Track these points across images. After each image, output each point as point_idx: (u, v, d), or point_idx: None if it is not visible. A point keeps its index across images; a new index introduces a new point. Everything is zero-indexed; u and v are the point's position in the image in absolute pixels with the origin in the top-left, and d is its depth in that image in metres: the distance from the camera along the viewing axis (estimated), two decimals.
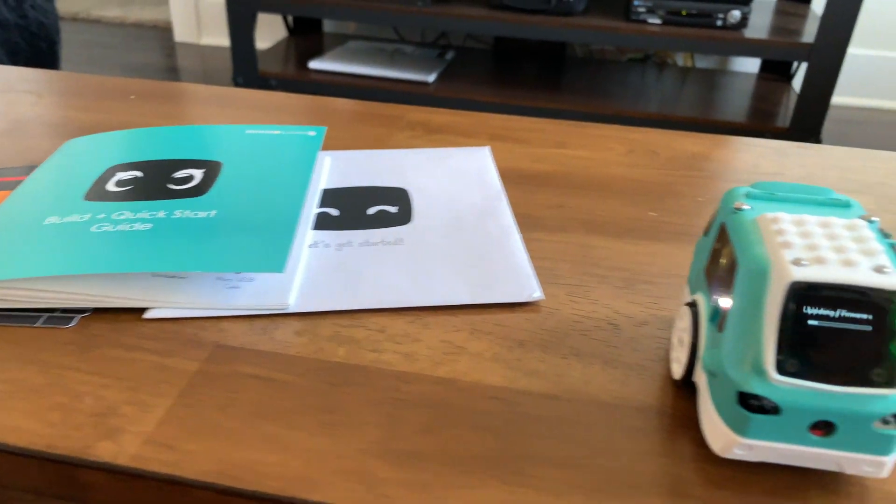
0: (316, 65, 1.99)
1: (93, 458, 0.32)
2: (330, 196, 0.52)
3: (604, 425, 0.35)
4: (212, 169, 0.49)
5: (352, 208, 0.50)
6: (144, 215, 0.44)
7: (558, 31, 1.76)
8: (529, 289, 0.43)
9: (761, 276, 0.30)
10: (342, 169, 0.55)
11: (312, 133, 0.54)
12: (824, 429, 0.30)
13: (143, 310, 0.41)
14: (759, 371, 0.29)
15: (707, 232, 0.37)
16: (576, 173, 0.57)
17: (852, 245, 0.30)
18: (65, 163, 0.51)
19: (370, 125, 0.64)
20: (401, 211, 0.50)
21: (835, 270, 0.29)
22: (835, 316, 0.29)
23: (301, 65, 2.03)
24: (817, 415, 0.29)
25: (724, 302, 0.32)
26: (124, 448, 0.33)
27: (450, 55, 2.13)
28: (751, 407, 0.30)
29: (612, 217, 0.51)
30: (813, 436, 0.30)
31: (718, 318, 0.32)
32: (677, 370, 0.36)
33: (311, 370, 0.37)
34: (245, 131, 0.54)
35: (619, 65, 2.17)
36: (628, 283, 0.45)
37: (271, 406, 0.35)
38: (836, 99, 2.24)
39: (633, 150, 0.61)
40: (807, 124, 1.74)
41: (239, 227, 0.43)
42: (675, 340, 0.37)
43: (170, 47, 2.45)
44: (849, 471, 0.31)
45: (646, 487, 0.31)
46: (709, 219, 0.45)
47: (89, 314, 0.41)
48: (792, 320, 0.29)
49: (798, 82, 2.13)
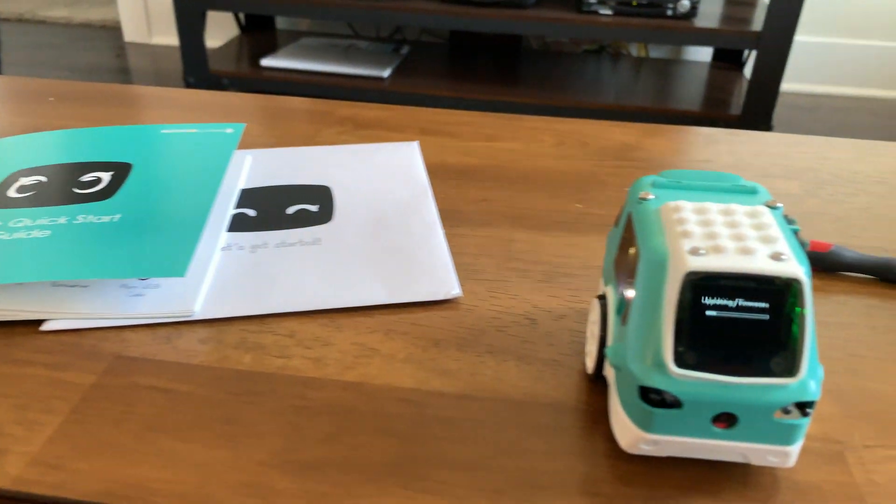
0: (268, 62, 1.96)
1: None
2: (248, 196, 0.50)
3: (513, 424, 0.34)
4: (120, 171, 0.47)
5: (270, 208, 0.49)
6: (44, 221, 0.42)
7: (512, 24, 1.76)
8: (448, 286, 0.42)
9: (660, 266, 0.29)
10: (263, 168, 0.54)
11: (230, 130, 0.52)
12: (727, 421, 0.29)
13: (43, 322, 0.39)
14: (660, 364, 0.28)
15: (617, 223, 0.36)
16: (504, 166, 0.56)
17: (752, 232, 0.29)
18: None
19: (297, 122, 0.63)
20: (322, 210, 0.49)
21: (731, 259, 0.28)
22: (733, 305, 0.28)
23: (254, 63, 2.00)
24: (718, 407, 0.28)
25: (629, 294, 0.31)
26: (6, 470, 0.31)
27: (405, 50, 2.11)
28: (652, 401, 0.29)
29: (537, 210, 0.51)
30: (716, 428, 0.29)
31: (623, 310, 0.31)
32: (589, 364, 0.35)
33: (213, 379, 0.36)
34: (160, 131, 0.52)
35: (575, 56, 2.17)
36: (549, 276, 0.44)
37: (168, 419, 0.34)
38: (788, 86, 2.27)
39: (563, 142, 0.60)
40: (758, 111, 1.75)
41: (143, 231, 0.41)
42: (588, 334, 0.37)
43: (119, 47, 2.40)
44: (755, 462, 0.30)
45: (552, 487, 0.31)
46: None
47: None
48: (689, 311, 0.28)
49: (749, 70, 2.15)
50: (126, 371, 0.36)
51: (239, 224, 0.47)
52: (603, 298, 0.35)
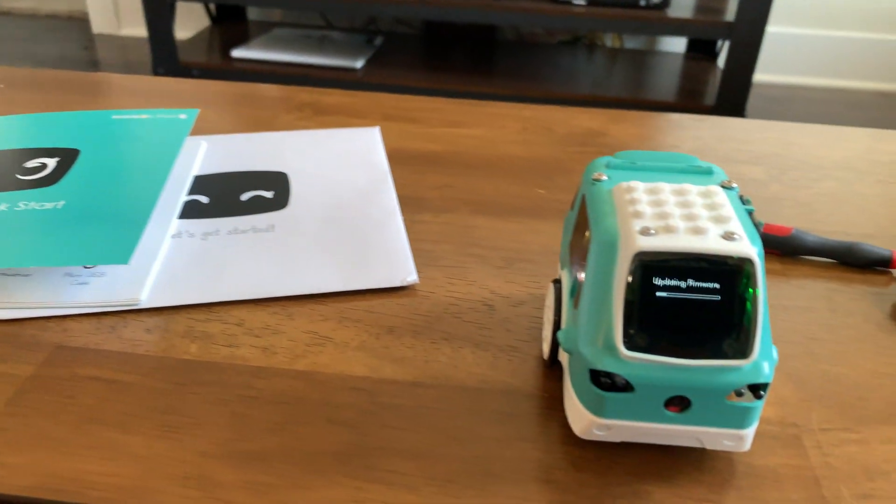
0: (240, 53, 1.94)
1: None
2: (201, 183, 0.49)
3: (467, 411, 0.33)
4: (67, 157, 0.46)
5: (224, 195, 0.47)
6: None
7: (486, 14, 1.74)
8: (405, 272, 0.41)
9: (610, 247, 0.28)
10: (219, 154, 0.52)
11: (183, 116, 0.51)
12: (680, 404, 0.28)
13: None
14: (611, 348, 0.28)
15: (573, 206, 0.36)
16: (467, 152, 0.55)
17: (705, 212, 0.29)
18: None
19: (255, 108, 0.61)
20: (277, 196, 0.47)
21: (682, 239, 0.27)
22: (684, 286, 0.27)
23: (224, 54, 1.97)
24: (670, 390, 0.28)
25: (582, 276, 0.30)
26: None
27: (378, 41, 2.09)
28: (603, 385, 0.28)
29: (499, 196, 0.50)
30: (669, 412, 0.28)
31: (576, 293, 0.31)
32: (545, 349, 0.35)
33: (158, 369, 0.35)
34: (110, 117, 0.51)
35: (550, 47, 2.16)
36: (508, 262, 0.43)
37: (109, 410, 0.32)
38: (762, 77, 2.28)
39: (528, 128, 0.60)
40: (732, 102, 1.76)
41: (88, 218, 0.40)
42: (545, 318, 0.36)
43: (88, 39, 2.35)
44: (710, 446, 0.29)
45: (504, 474, 0.30)
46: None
47: None
48: (640, 293, 0.27)
49: (723, 61, 2.16)
50: (67, 361, 0.35)
51: (191, 211, 0.46)
52: (558, 282, 0.34)
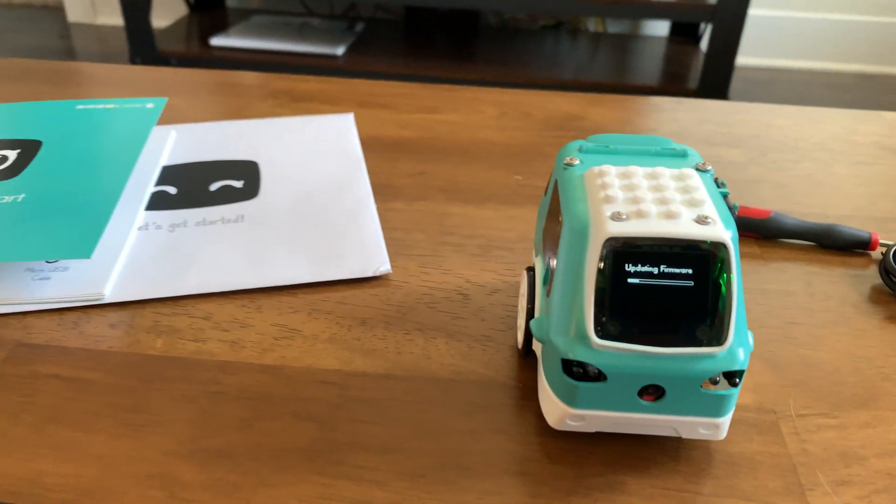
0: (218, 42, 1.91)
1: None
2: (170, 173, 0.47)
3: (439, 404, 0.32)
4: (29, 149, 0.44)
5: (192, 185, 0.46)
6: None
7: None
8: (377, 262, 0.40)
9: (581, 233, 0.27)
10: (188, 143, 0.51)
11: (151, 105, 0.49)
12: (654, 393, 0.28)
13: None
14: (583, 336, 0.27)
15: (546, 191, 0.35)
16: (442, 138, 0.54)
17: (677, 196, 0.28)
18: None
19: (229, 96, 0.60)
20: (247, 185, 0.46)
21: (654, 224, 0.26)
22: (656, 272, 0.26)
23: (203, 42, 1.94)
24: (644, 379, 0.27)
25: (554, 264, 0.30)
26: None
27: (359, 27, 2.07)
28: (576, 375, 0.27)
29: (475, 183, 0.49)
30: (643, 401, 0.28)
31: (549, 281, 0.30)
32: (520, 339, 0.34)
33: (122, 366, 0.34)
34: (74, 107, 0.49)
35: (533, 33, 2.15)
36: (484, 250, 0.42)
37: (70, 409, 0.31)
38: (744, 60, 2.28)
39: (505, 113, 0.59)
40: (715, 85, 1.75)
41: (49, 211, 0.39)
42: (519, 307, 0.35)
43: (63, 29, 2.31)
44: (686, 435, 0.29)
45: (476, 468, 0.29)
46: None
47: None
48: (611, 279, 0.26)
49: (706, 44, 2.15)
50: (27, 359, 0.34)
51: (158, 202, 0.44)
52: (532, 270, 0.34)
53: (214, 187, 0.46)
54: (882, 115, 0.61)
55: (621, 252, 0.26)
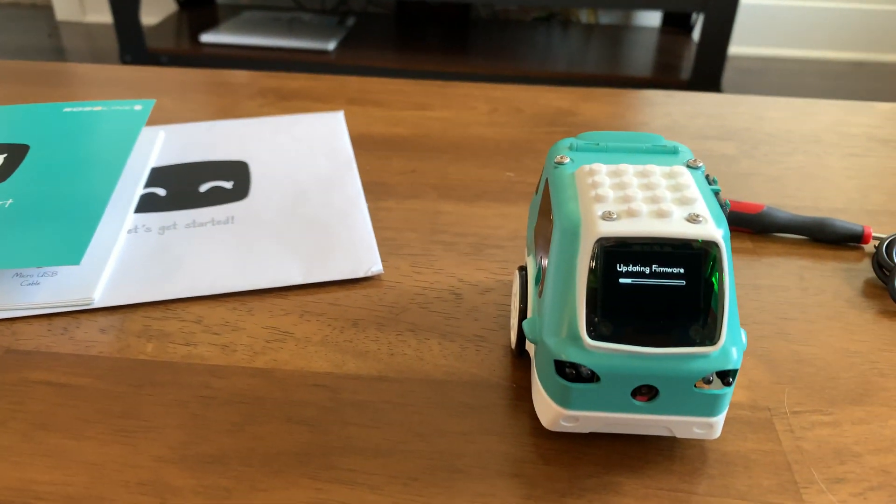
0: (209, 38, 1.90)
1: None
2: (158, 175, 0.47)
3: (432, 405, 0.32)
4: (16, 153, 0.44)
5: (182, 187, 0.46)
6: None
7: None
8: (369, 263, 0.40)
9: (572, 233, 0.27)
10: (177, 144, 0.51)
11: (139, 107, 0.49)
12: (647, 393, 0.27)
13: None
14: (575, 337, 0.27)
15: (537, 189, 0.35)
16: (434, 136, 0.54)
17: (668, 194, 0.28)
18: None
19: (217, 95, 0.60)
20: (237, 186, 0.46)
21: (645, 223, 0.26)
22: (648, 272, 0.26)
23: (193, 39, 1.93)
24: (637, 380, 0.27)
25: (546, 263, 0.29)
26: None
27: (350, 21, 2.06)
28: (569, 376, 0.27)
29: (467, 180, 0.49)
30: (637, 402, 0.28)
31: (541, 281, 0.30)
32: (513, 339, 0.34)
33: (112, 371, 0.33)
34: (62, 109, 0.49)
35: (524, 25, 2.14)
36: (476, 249, 0.42)
37: (59, 415, 0.31)
38: (737, 49, 2.27)
39: (496, 109, 0.58)
40: (707, 75, 1.75)
41: (37, 216, 0.38)
42: (512, 307, 0.35)
43: (52, 27, 2.30)
44: (680, 435, 0.29)
45: (470, 470, 0.29)
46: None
47: None
48: (603, 280, 0.26)
49: (698, 34, 2.15)
50: (16, 366, 0.33)
51: (148, 204, 0.44)
52: (524, 269, 0.33)
53: (204, 188, 0.46)
54: (874, 106, 0.61)
55: (612, 252, 0.26)
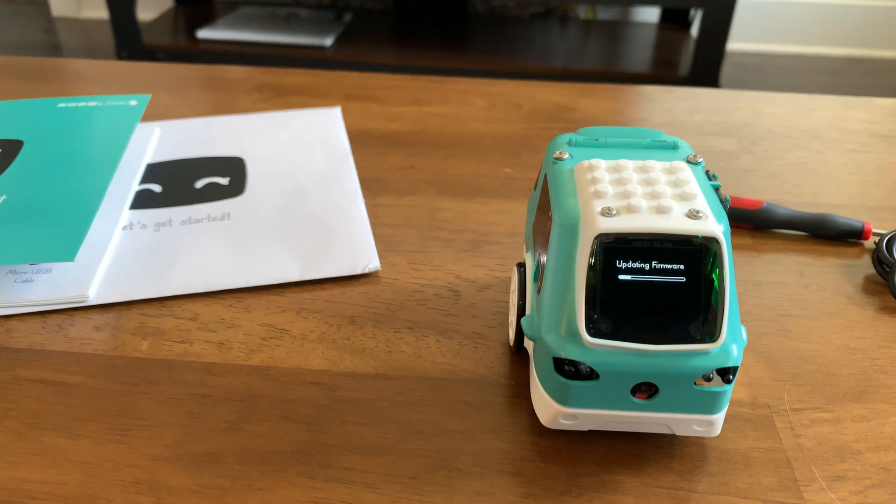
0: (205, 34, 1.89)
1: None
2: (154, 171, 0.47)
3: (430, 403, 0.32)
4: (10, 149, 0.44)
5: (178, 183, 0.45)
6: None
7: None
8: (366, 260, 0.40)
9: (571, 230, 0.27)
10: (173, 140, 0.50)
11: (134, 103, 0.49)
12: (647, 391, 0.27)
13: None
14: (574, 334, 0.27)
15: (536, 185, 0.34)
16: (431, 131, 0.54)
17: (668, 190, 0.28)
18: None
19: (214, 90, 0.59)
20: (233, 182, 0.46)
21: (644, 219, 0.26)
22: (648, 268, 0.26)
23: (190, 35, 1.92)
24: (637, 377, 0.27)
25: (545, 260, 0.29)
26: None
27: (347, 17, 2.06)
28: (568, 373, 0.27)
29: (465, 176, 0.48)
30: (637, 399, 0.27)
31: (539, 277, 0.29)
32: (511, 336, 0.33)
33: (107, 369, 0.33)
34: (57, 105, 0.48)
35: (522, 20, 2.13)
36: (474, 245, 0.42)
37: (54, 414, 0.31)
38: (735, 45, 2.27)
39: (494, 105, 0.58)
40: (705, 71, 1.75)
41: (31, 212, 0.38)
42: (510, 303, 0.35)
43: (47, 23, 2.29)
44: (680, 432, 0.29)
45: (468, 469, 0.29)
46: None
47: None
48: (602, 276, 0.26)
49: (696, 30, 2.14)
50: (10, 364, 0.33)
51: (143, 201, 0.44)
52: (522, 266, 0.33)
53: (200, 185, 0.45)
54: (873, 101, 0.61)
55: (612, 248, 0.26)
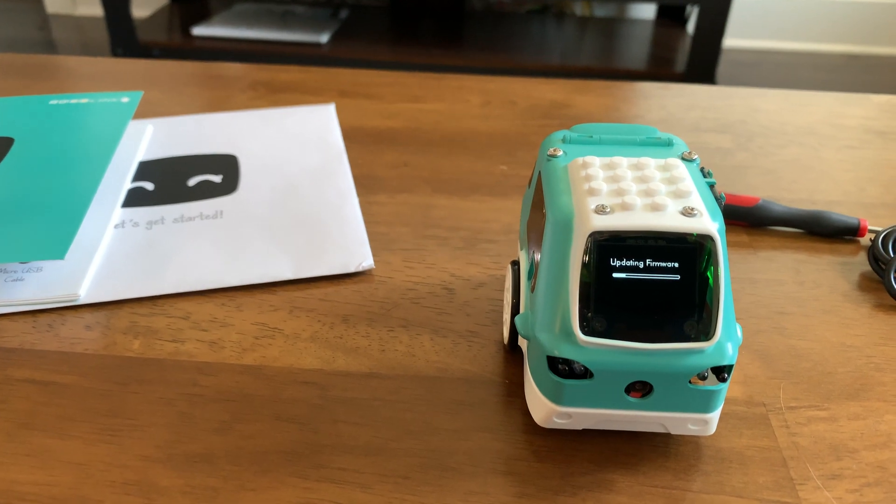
0: (201, 31, 1.88)
1: None
2: (147, 168, 0.46)
3: (424, 402, 0.31)
4: (0, 146, 0.43)
5: (170, 180, 0.45)
6: None
7: None
8: (360, 258, 0.39)
9: (565, 227, 0.27)
10: (166, 137, 0.50)
11: (126, 100, 0.48)
12: (641, 390, 0.27)
13: None
14: (568, 333, 0.26)
15: (530, 183, 0.34)
16: (426, 129, 0.53)
17: (663, 187, 0.27)
18: None
19: (208, 87, 0.59)
20: (226, 180, 0.45)
21: (639, 217, 0.26)
22: (642, 266, 0.26)
23: (185, 32, 1.91)
24: (631, 376, 0.26)
25: (539, 258, 0.29)
26: None
27: (343, 14, 2.05)
28: (561, 372, 0.27)
29: (460, 174, 0.48)
30: (631, 398, 0.27)
31: (533, 276, 0.29)
32: (505, 334, 0.33)
33: (98, 369, 0.33)
34: (48, 102, 0.48)
35: (519, 17, 2.13)
36: (469, 243, 0.41)
37: (44, 414, 0.30)
38: (731, 42, 2.27)
39: (490, 102, 0.58)
40: (702, 68, 1.75)
41: (21, 210, 0.38)
42: (505, 302, 0.35)
43: (42, 19, 2.28)
44: (675, 431, 0.28)
45: (462, 468, 0.28)
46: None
47: None
48: (596, 274, 0.26)
49: (692, 27, 2.14)
50: (0, 363, 0.33)
51: (135, 199, 0.43)
52: (516, 264, 0.33)
53: (192, 182, 0.45)
54: (869, 98, 0.60)
55: (606, 246, 0.26)
